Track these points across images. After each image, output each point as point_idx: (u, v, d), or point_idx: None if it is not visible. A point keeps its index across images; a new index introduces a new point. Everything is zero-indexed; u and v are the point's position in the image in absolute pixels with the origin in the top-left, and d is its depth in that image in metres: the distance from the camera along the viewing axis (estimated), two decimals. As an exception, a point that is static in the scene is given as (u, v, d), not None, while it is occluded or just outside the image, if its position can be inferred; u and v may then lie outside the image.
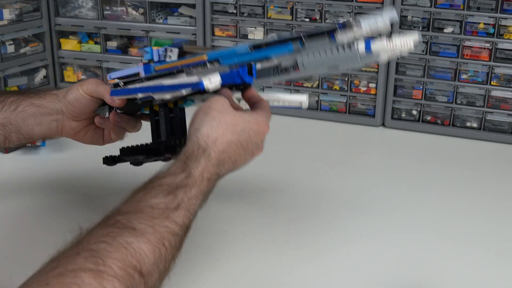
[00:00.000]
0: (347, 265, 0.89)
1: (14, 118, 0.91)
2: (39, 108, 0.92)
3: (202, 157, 0.72)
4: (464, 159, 1.29)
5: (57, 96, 0.93)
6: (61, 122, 0.93)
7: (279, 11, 1.46)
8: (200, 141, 0.74)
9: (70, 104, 0.92)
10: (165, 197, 0.66)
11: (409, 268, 0.89)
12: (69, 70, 1.68)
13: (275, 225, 0.99)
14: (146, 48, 0.92)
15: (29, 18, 1.58)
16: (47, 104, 0.93)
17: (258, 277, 0.86)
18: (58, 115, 0.93)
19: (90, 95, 0.92)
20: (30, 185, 1.11)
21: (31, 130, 0.93)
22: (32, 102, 0.92)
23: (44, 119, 0.93)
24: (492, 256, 0.92)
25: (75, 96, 0.92)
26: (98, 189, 1.10)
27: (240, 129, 0.76)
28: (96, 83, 0.92)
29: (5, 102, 0.92)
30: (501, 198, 1.11)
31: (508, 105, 1.35)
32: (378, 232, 0.98)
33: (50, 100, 0.93)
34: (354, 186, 1.13)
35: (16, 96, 0.93)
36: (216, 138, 0.74)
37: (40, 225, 0.99)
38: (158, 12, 1.57)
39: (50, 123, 0.93)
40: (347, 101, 1.47)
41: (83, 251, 0.57)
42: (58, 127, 0.94)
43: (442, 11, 1.34)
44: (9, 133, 0.92)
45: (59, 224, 0.99)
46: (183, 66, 0.86)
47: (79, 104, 0.92)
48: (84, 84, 0.92)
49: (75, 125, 0.94)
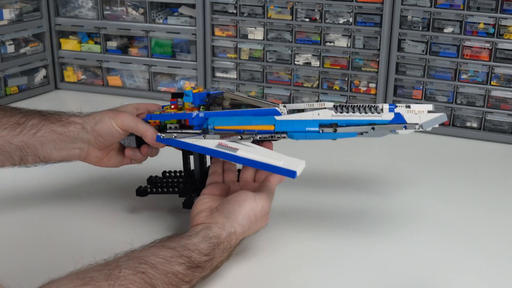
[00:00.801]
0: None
1: (32, 142, 0.90)
2: (60, 136, 0.91)
3: (227, 251, 0.82)
4: (464, 159, 1.29)
5: (83, 126, 0.92)
6: (85, 151, 0.93)
7: (279, 11, 1.46)
8: (232, 239, 0.82)
9: (100, 136, 0.91)
10: (186, 270, 0.74)
11: (407, 266, 0.89)
12: (69, 70, 1.68)
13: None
14: (186, 91, 0.93)
15: (29, 18, 1.58)
16: (71, 134, 0.91)
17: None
18: (82, 144, 0.92)
19: (125, 131, 0.92)
20: (29, 186, 1.11)
21: (49, 155, 0.91)
22: (54, 129, 0.91)
23: (65, 146, 0.91)
24: (492, 255, 0.92)
25: (108, 130, 0.91)
26: (98, 187, 1.10)
27: (255, 219, 0.85)
28: (134, 120, 0.92)
29: (25, 125, 0.90)
30: (501, 198, 1.11)
31: (508, 105, 1.35)
32: (380, 234, 0.98)
33: (74, 129, 0.91)
34: (353, 185, 1.13)
35: (37, 120, 0.91)
36: (242, 233, 0.84)
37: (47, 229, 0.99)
38: (158, 12, 1.57)
39: (72, 150, 0.92)
40: (347, 101, 1.47)
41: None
42: (81, 155, 0.93)
43: (442, 11, 1.34)
44: (26, 156, 0.90)
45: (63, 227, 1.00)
46: (247, 131, 0.90)
47: (110, 137, 0.92)
48: (119, 118, 0.92)
49: (100, 154, 0.94)
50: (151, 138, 0.92)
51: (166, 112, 0.95)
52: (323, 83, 1.48)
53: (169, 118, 0.93)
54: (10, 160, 0.90)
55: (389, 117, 0.89)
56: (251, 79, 1.53)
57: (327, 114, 0.90)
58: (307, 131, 0.90)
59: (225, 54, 1.53)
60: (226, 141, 0.90)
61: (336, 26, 1.42)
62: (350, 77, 1.45)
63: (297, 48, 1.47)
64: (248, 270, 0.88)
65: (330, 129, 0.89)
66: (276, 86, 1.52)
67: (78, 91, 1.68)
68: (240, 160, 0.87)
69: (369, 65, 1.43)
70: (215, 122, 0.90)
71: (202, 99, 0.94)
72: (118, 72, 1.65)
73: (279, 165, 0.85)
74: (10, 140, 0.88)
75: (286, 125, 0.90)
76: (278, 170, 0.85)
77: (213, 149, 0.88)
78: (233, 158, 0.87)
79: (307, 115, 0.91)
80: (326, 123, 0.90)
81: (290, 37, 1.46)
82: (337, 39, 1.43)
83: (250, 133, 0.90)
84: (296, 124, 0.90)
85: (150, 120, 0.94)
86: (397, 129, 0.89)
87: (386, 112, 0.90)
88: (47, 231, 0.97)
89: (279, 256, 0.91)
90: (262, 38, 1.49)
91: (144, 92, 1.64)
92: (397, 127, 0.89)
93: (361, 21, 1.40)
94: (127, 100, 1.61)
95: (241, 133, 0.90)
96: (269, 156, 0.87)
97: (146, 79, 1.63)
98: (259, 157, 0.86)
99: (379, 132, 0.89)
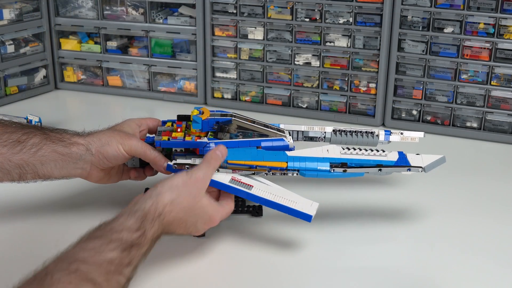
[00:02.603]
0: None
1: (32, 161, 0.88)
2: (62, 156, 0.89)
3: (157, 220, 0.78)
4: (464, 159, 1.29)
5: (87, 148, 0.90)
6: (87, 171, 0.92)
7: (279, 11, 1.46)
8: (159, 206, 0.79)
9: (105, 158, 0.91)
10: (121, 252, 0.71)
11: (407, 267, 0.89)
12: (69, 70, 1.68)
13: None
14: (196, 117, 0.92)
15: (29, 18, 1.58)
16: (73, 155, 0.90)
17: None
18: (85, 164, 0.91)
19: (132, 156, 0.92)
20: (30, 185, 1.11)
21: (49, 173, 0.90)
22: (55, 149, 0.89)
23: (67, 165, 0.90)
24: (492, 255, 0.92)
25: (114, 154, 0.91)
26: (98, 187, 1.10)
27: (193, 214, 0.83)
28: (143, 147, 0.92)
29: (25, 144, 0.88)
30: (501, 198, 1.11)
31: (508, 105, 1.35)
32: (379, 234, 0.98)
33: (77, 150, 0.90)
34: (352, 185, 1.13)
35: (39, 138, 0.89)
36: (171, 211, 0.80)
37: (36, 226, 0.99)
38: (158, 12, 1.57)
39: (74, 170, 0.91)
40: (347, 101, 1.47)
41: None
42: (82, 174, 0.93)
43: (442, 11, 1.34)
44: (25, 173, 0.89)
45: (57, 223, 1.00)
46: (259, 167, 0.91)
47: (115, 161, 0.92)
48: (127, 143, 0.91)
49: (101, 174, 0.94)
50: (160, 167, 0.92)
51: (175, 139, 0.94)
52: (323, 83, 1.48)
53: (179, 147, 0.93)
54: (8, 177, 0.89)
55: (394, 157, 0.94)
56: (251, 79, 1.53)
57: (335, 151, 0.94)
58: (319, 170, 0.92)
59: (225, 54, 1.53)
60: (239, 175, 0.91)
61: (336, 26, 1.42)
62: (350, 77, 1.45)
63: (297, 48, 1.47)
64: (247, 269, 0.88)
65: (340, 169, 0.92)
66: (276, 86, 1.52)
67: (78, 91, 1.68)
68: (256, 199, 0.89)
69: (369, 65, 1.43)
70: (228, 156, 0.91)
71: (211, 126, 0.95)
72: (118, 72, 1.65)
73: (296, 208, 0.87)
74: (9, 158, 0.87)
75: (299, 162, 0.92)
76: (295, 213, 0.88)
77: (227, 184, 0.89)
78: (248, 196, 0.89)
79: (317, 152, 0.94)
80: (336, 161, 0.93)
81: (290, 37, 1.46)
82: (337, 39, 1.43)
83: (262, 169, 0.92)
84: (308, 161, 0.92)
85: (158, 146, 0.94)
86: (402, 171, 0.94)
87: (391, 152, 0.94)
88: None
89: (277, 256, 0.91)
90: (262, 38, 1.48)
91: (144, 92, 1.64)
92: (401, 169, 0.94)
93: (361, 21, 1.40)
94: (127, 99, 1.62)
95: (254, 168, 0.91)
96: (284, 196, 0.89)
97: (146, 79, 1.63)
98: (275, 197, 0.88)
99: (384, 173, 0.94)
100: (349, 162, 0.93)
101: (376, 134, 0.96)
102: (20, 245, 0.94)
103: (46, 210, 1.03)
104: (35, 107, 1.53)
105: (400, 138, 1.00)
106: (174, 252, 0.91)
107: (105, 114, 1.56)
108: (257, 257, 0.91)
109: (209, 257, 0.91)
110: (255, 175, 0.92)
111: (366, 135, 0.96)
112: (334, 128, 0.99)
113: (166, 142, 0.94)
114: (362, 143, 0.98)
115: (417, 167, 0.94)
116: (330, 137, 1.01)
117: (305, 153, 0.95)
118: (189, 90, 1.60)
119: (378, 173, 0.93)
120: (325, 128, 0.99)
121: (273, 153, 0.94)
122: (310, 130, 0.99)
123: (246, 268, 0.89)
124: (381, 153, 0.94)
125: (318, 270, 0.88)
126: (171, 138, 0.94)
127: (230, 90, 1.56)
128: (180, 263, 0.89)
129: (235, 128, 0.95)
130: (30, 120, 1.33)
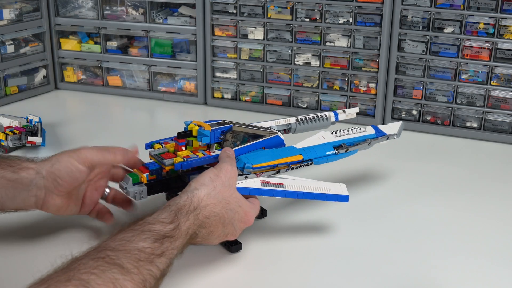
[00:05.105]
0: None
1: None
2: (11, 183, 0.81)
3: (192, 214, 0.77)
4: (464, 159, 1.29)
5: (37, 171, 0.82)
6: (42, 198, 0.83)
7: (279, 11, 1.46)
8: (194, 200, 0.78)
9: (59, 178, 0.81)
10: (153, 243, 0.69)
11: (404, 264, 0.89)
12: (69, 70, 1.68)
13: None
14: (204, 131, 0.92)
15: (29, 18, 1.58)
16: (23, 180, 0.81)
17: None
18: (38, 191, 0.82)
19: (89, 167, 0.83)
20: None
21: (1, 203, 0.82)
22: (3, 175, 0.81)
23: (18, 194, 0.82)
24: (492, 255, 0.92)
25: (67, 170, 0.81)
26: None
27: (230, 208, 0.82)
28: (98, 152, 0.84)
29: None
30: (501, 198, 1.11)
31: (508, 105, 1.35)
32: (379, 235, 0.98)
33: (27, 175, 0.81)
34: (353, 185, 1.13)
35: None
36: (207, 205, 0.79)
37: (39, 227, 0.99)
38: (158, 12, 1.57)
39: (28, 199, 0.82)
40: (347, 101, 1.47)
41: (74, 279, 0.59)
42: (38, 203, 0.83)
43: (442, 11, 1.34)
44: None
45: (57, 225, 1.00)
46: (280, 165, 0.93)
47: (70, 179, 0.82)
48: (79, 153, 0.83)
49: (60, 201, 0.84)
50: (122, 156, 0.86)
51: (191, 158, 0.90)
52: (323, 83, 1.48)
53: (199, 164, 0.90)
54: None
55: (372, 131, 1.06)
56: (251, 79, 1.53)
57: (329, 136, 1.02)
58: (327, 155, 0.98)
59: (225, 54, 1.53)
60: (265, 177, 0.92)
61: (336, 26, 1.42)
62: (350, 77, 1.45)
63: (297, 48, 1.47)
64: (250, 271, 0.88)
65: (343, 150, 1.00)
66: (276, 86, 1.52)
67: (78, 91, 1.68)
68: (293, 195, 0.90)
69: (369, 65, 1.43)
70: (252, 161, 0.91)
71: (218, 137, 0.95)
72: (118, 72, 1.65)
73: (331, 192, 0.92)
74: None
75: (310, 153, 0.97)
76: (332, 197, 0.92)
77: (261, 189, 0.90)
78: (286, 194, 0.90)
79: (316, 140, 1.00)
80: (337, 144, 1.00)
81: (290, 37, 1.46)
82: (337, 39, 1.43)
83: (283, 166, 0.94)
84: (317, 150, 0.98)
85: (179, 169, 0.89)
86: (382, 141, 1.07)
87: (367, 127, 1.06)
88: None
89: (280, 256, 0.91)
90: (262, 38, 1.48)
91: (144, 92, 1.64)
92: (382, 139, 1.06)
93: (361, 21, 1.40)
94: (127, 99, 1.63)
95: (276, 167, 0.93)
96: (314, 185, 0.92)
97: (146, 79, 1.63)
98: (309, 188, 0.91)
99: (371, 146, 1.05)
100: (346, 142, 1.02)
101: (327, 117, 1.08)
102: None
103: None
104: (35, 107, 1.53)
105: (345, 116, 1.11)
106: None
107: (105, 114, 1.57)
108: (254, 258, 0.91)
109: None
110: (278, 174, 0.94)
111: (322, 119, 1.07)
112: (296, 118, 1.05)
113: (187, 162, 0.89)
114: (320, 126, 1.08)
115: (392, 134, 1.07)
116: (295, 127, 1.05)
117: (308, 143, 0.99)
118: (189, 90, 1.60)
119: (368, 147, 1.04)
120: (290, 120, 1.05)
121: (285, 150, 0.96)
122: (277, 124, 1.04)
123: (246, 268, 0.89)
124: (361, 129, 1.05)
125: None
126: (186, 158, 0.89)
127: (230, 90, 1.56)
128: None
129: (237, 134, 0.96)
130: (30, 120, 1.34)
